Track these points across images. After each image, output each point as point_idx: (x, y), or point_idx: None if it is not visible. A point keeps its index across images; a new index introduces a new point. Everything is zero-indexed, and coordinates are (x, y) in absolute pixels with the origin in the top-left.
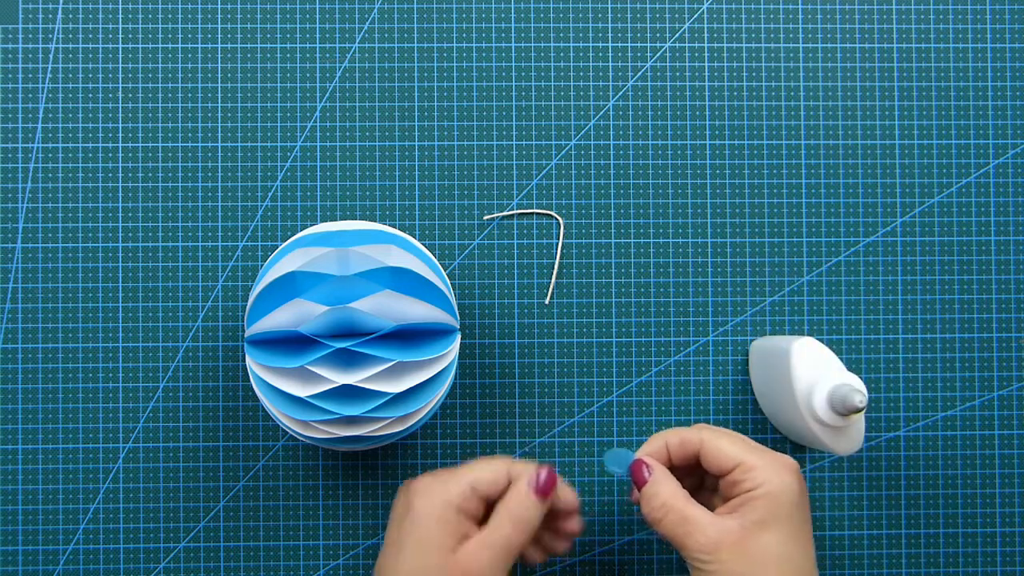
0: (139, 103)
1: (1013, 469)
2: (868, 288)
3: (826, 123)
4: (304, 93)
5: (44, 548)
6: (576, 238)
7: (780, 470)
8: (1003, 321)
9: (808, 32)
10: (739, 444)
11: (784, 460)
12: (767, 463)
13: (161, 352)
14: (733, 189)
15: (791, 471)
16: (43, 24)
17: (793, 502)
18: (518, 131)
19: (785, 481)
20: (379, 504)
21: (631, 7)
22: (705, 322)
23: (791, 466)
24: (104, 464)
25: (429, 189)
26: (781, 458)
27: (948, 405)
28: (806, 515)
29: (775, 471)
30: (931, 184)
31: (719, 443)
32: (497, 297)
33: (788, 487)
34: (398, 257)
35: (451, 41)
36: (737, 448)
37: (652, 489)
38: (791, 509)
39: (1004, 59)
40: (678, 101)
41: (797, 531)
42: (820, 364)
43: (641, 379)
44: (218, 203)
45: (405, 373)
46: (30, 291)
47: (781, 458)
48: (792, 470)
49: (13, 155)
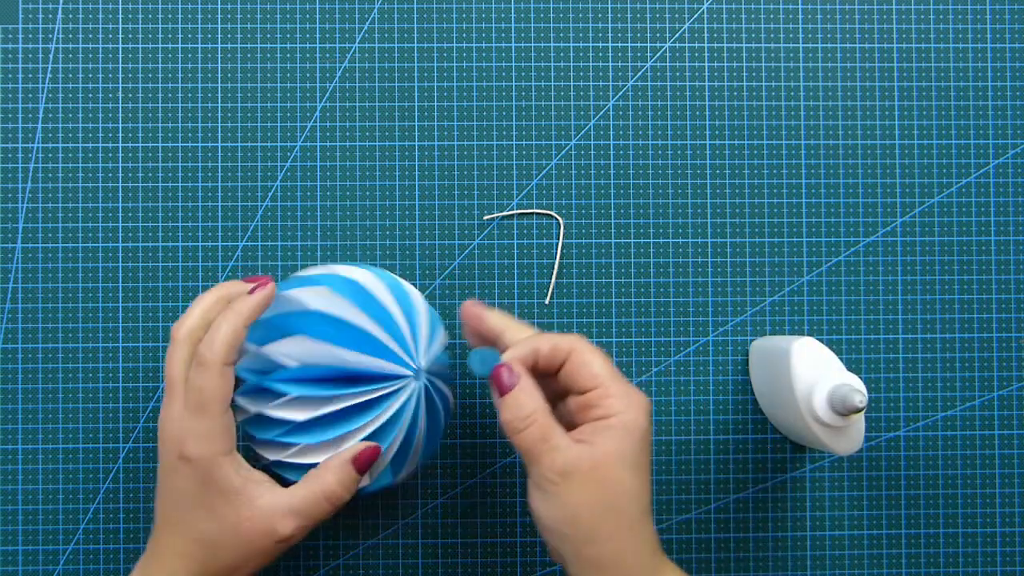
0: (139, 103)
1: (1013, 469)
2: (868, 288)
3: (826, 123)
4: (304, 93)
5: (44, 548)
6: (576, 238)
7: (634, 405)
8: (1003, 321)
9: (808, 32)
10: (607, 368)
11: (639, 397)
12: (624, 394)
13: (161, 352)
14: (733, 189)
15: (644, 410)
16: (43, 24)
17: (644, 439)
18: (518, 131)
19: (638, 418)
20: (379, 504)
21: (631, 7)
22: (705, 322)
23: (645, 405)
24: (104, 464)
25: (429, 189)
26: (638, 394)
27: (948, 405)
28: (651, 456)
29: (630, 404)
30: (931, 184)
31: (590, 358)
32: (497, 297)
33: (639, 424)
34: (325, 302)
35: (451, 41)
36: (604, 370)
37: (517, 399)
38: (643, 445)
39: (1004, 59)
40: (678, 101)
41: (645, 469)
42: (820, 364)
43: (641, 379)
44: (218, 203)
45: (319, 406)
46: (30, 291)
47: (638, 394)
48: (645, 410)
49: (13, 155)
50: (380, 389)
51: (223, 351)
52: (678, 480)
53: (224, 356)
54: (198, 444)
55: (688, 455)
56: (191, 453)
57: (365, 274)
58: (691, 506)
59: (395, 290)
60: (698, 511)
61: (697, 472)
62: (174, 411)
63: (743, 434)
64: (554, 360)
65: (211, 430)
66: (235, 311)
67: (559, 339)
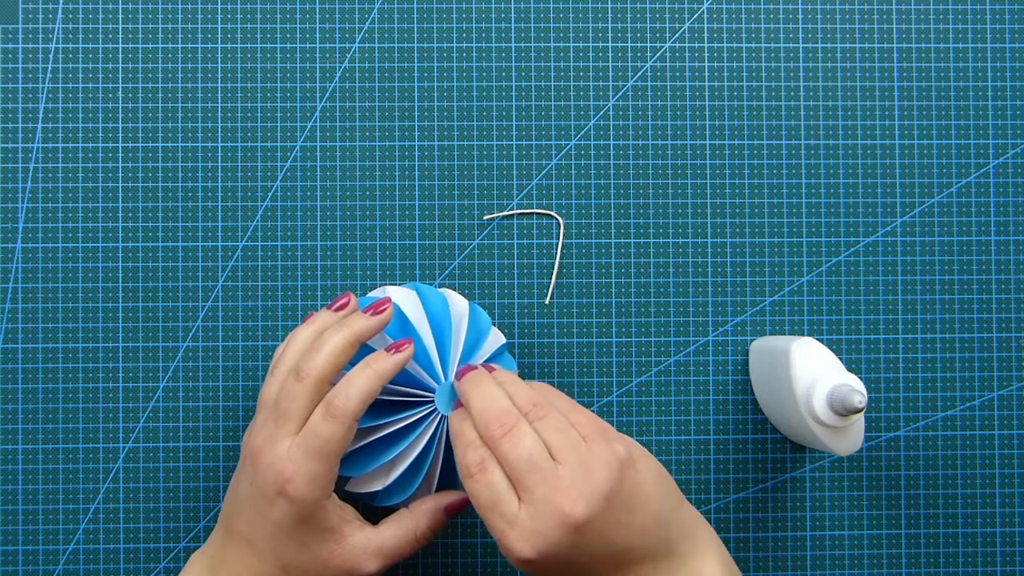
0: (139, 103)
1: (1013, 469)
2: (868, 288)
3: (826, 123)
4: (304, 93)
5: (44, 548)
6: (576, 238)
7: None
8: (1003, 321)
9: (808, 32)
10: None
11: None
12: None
13: (161, 352)
14: (733, 189)
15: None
16: (43, 24)
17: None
18: (518, 131)
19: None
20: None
21: (631, 7)
22: (705, 322)
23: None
24: (104, 464)
25: (429, 189)
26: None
27: (948, 405)
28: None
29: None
30: (931, 184)
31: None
32: (497, 297)
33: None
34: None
35: (451, 41)
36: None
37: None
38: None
39: (1004, 59)
40: (678, 101)
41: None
42: (820, 364)
43: (641, 379)
44: (218, 203)
45: (359, 438)
46: (30, 291)
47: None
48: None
49: (13, 155)
50: (414, 415)
51: (357, 408)
52: (678, 480)
53: (357, 412)
54: (309, 488)
55: (688, 455)
56: (299, 494)
57: (405, 293)
58: None
59: (433, 308)
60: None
61: (697, 472)
62: (282, 446)
63: (743, 434)
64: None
65: (324, 476)
66: (375, 371)
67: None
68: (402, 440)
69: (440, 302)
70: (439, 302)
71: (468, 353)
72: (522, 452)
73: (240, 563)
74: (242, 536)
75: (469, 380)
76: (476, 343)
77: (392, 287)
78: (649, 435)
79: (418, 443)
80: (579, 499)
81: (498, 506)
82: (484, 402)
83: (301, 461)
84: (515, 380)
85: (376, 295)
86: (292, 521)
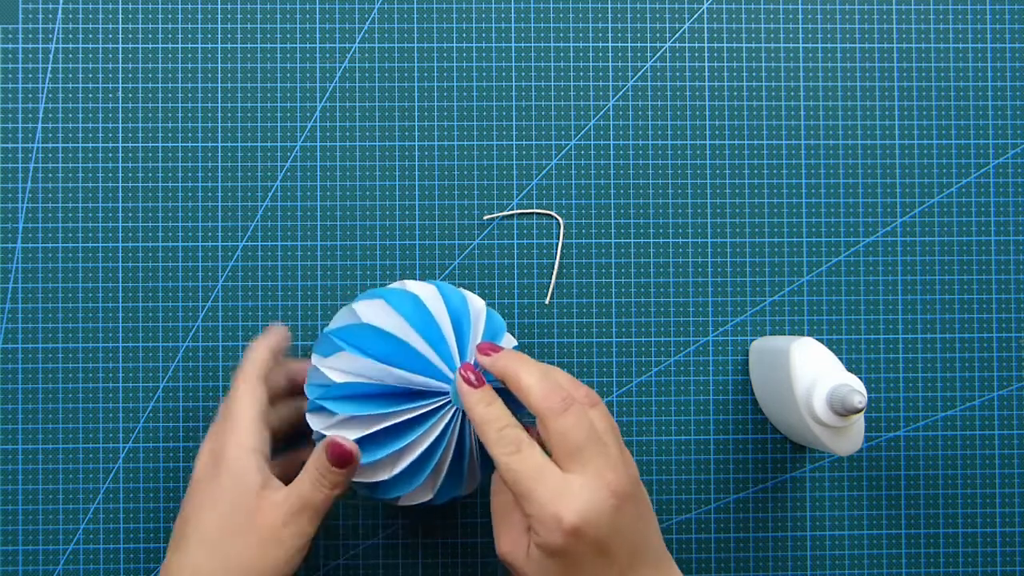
0: (139, 103)
1: (1013, 469)
2: (868, 288)
3: (826, 123)
4: (304, 93)
5: (44, 548)
6: (576, 238)
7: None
8: (1003, 321)
9: (808, 32)
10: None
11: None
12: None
13: (161, 352)
14: (733, 189)
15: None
16: (43, 24)
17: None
18: (518, 131)
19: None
20: (379, 504)
21: (631, 7)
22: (705, 322)
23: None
24: (104, 464)
25: (429, 189)
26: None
27: (948, 405)
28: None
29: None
30: (931, 184)
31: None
32: (497, 297)
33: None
34: (378, 315)
35: (451, 41)
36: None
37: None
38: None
39: (1004, 59)
40: (678, 101)
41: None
42: (820, 364)
43: (641, 379)
44: (218, 203)
45: (368, 425)
46: (30, 291)
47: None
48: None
49: (13, 155)
50: (426, 405)
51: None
52: (678, 480)
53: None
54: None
55: (688, 455)
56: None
57: (426, 288)
58: (691, 506)
59: (452, 303)
60: (698, 511)
61: (697, 472)
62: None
63: (743, 434)
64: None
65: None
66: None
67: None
68: (411, 431)
69: (459, 298)
70: (458, 298)
71: (461, 343)
72: (584, 426)
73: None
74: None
75: (511, 357)
76: (493, 340)
77: (412, 281)
78: (649, 435)
79: (429, 435)
80: (624, 475)
81: (544, 476)
82: (541, 378)
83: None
84: (546, 366)
85: (396, 287)
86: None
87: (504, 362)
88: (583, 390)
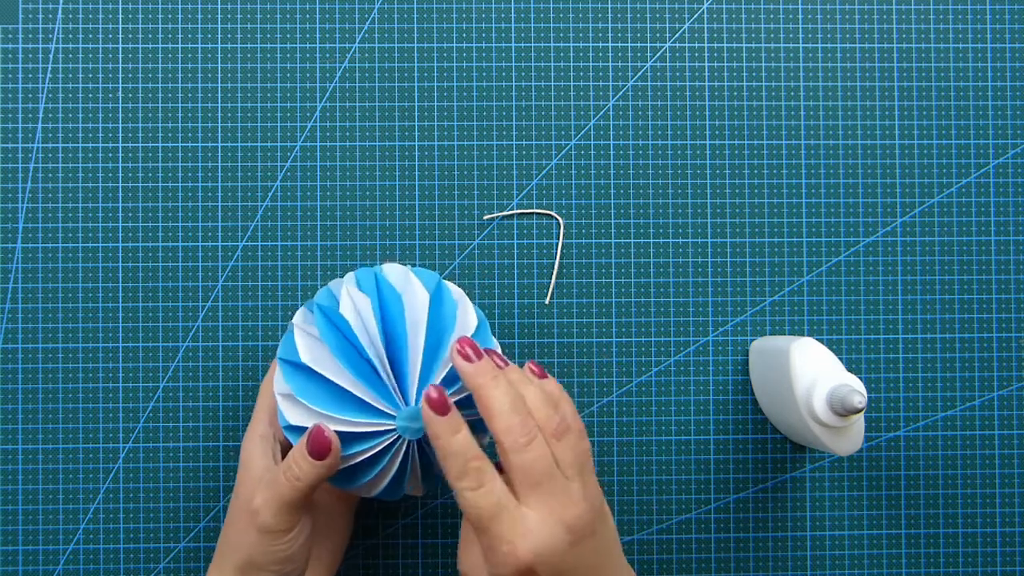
0: (139, 103)
1: (1013, 469)
2: (868, 288)
3: (826, 123)
4: (304, 93)
5: (44, 548)
6: (576, 238)
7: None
8: (1003, 321)
9: (808, 32)
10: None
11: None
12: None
13: (161, 352)
14: (733, 189)
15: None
16: (43, 24)
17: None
18: (518, 131)
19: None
20: (379, 504)
21: (631, 7)
22: (705, 322)
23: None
24: (104, 464)
25: (429, 189)
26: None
27: (948, 405)
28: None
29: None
30: (931, 184)
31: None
32: (497, 297)
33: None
34: (311, 352)
35: (451, 41)
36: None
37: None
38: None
39: (1004, 59)
40: (678, 101)
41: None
42: (820, 364)
43: (641, 379)
44: (218, 203)
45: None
46: (30, 291)
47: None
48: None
49: (13, 155)
50: (378, 445)
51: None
52: (678, 480)
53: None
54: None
55: (688, 455)
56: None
57: (363, 299)
58: (691, 506)
59: (389, 311)
60: (698, 511)
61: (697, 472)
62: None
63: (743, 434)
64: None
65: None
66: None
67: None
68: (376, 464)
69: (395, 302)
70: (394, 302)
71: (429, 362)
72: (544, 462)
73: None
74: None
75: (483, 374)
76: (438, 345)
77: (355, 290)
78: (649, 435)
79: (391, 466)
80: (584, 513)
81: (504, 513)
82: (510, 408)
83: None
84: (524, 380)
85: (336, 286)
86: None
87: (477, 381)
88: (555, 419)
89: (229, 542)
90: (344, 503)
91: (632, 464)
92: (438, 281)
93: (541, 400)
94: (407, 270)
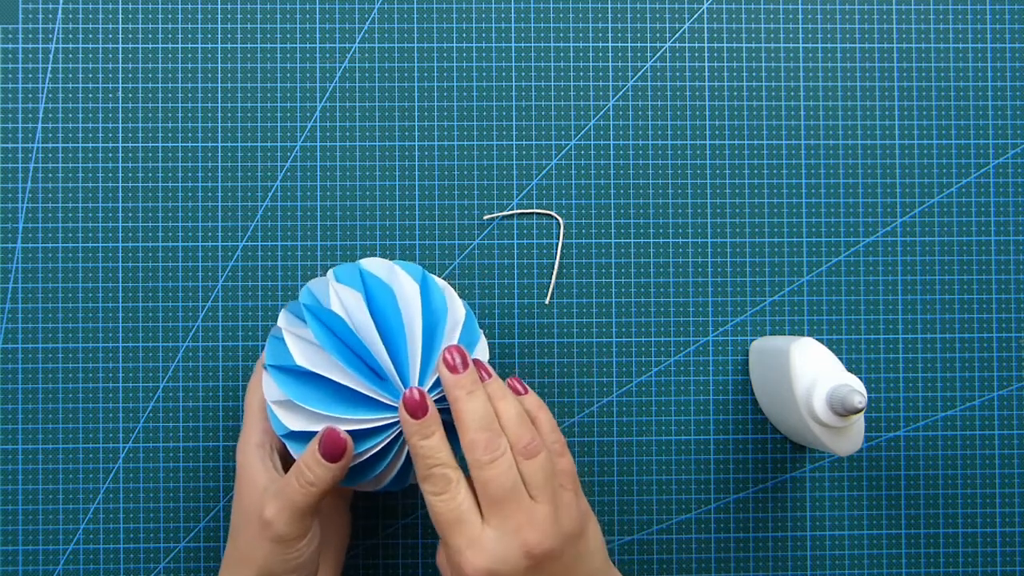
0: (139, 103)
1: (1013, 469)
2: (868, 288)
3: (826, 123)
4: (304, 93)
5: (44, 548)
6: (576, 238)
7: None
8: (1003, 321)
9: (808, 32)
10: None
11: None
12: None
13: (161, 352)
14: (733, 189)
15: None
16: (43, 24)
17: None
18: (518, 131)
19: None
20: (379, 504)
21: (631, 7)
22: (705, 322)
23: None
24: (104, 464)
25: (429, 189)
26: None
27: (948, 405)
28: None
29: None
30: (931, 184)
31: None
32: (497, 297)
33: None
34: (307, 355)
35: (451, 41)
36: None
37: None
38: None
39: (1004, 59)
40: (678, 101)
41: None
42: (820, 364)
43: (641, 379)
44: (218, 203)
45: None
46: (30, 291)
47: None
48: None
49: (13, 155)
50: (380, 444)
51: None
52: (678, 480)
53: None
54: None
55: (688, 455)
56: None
57: (352, 296)
58: (691, 506)
59: (381, 307)
60: (698, 511)
61: (697, 472)
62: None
63: (743, 434)
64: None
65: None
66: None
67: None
68: (384, 457)
69: (386, 295)
70: (384, 294)
71: (428, 352)
72: (507, 481)
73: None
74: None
75: (461, 386)
76: (433, 335)
77: (341, 286)
78: (649, 435)
79: (399, 457)
80: (547, 537)
81: (462, 525)
82: (479, 424)
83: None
84: (503, 396)
85: (316, 286)
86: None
87: (455, 393)
88: (526, 437)
89: (240, 555)
90: (340, 500)
91: (632, 464)
92: (423, 272)
93: (516, 418)
94: (391, 263)
